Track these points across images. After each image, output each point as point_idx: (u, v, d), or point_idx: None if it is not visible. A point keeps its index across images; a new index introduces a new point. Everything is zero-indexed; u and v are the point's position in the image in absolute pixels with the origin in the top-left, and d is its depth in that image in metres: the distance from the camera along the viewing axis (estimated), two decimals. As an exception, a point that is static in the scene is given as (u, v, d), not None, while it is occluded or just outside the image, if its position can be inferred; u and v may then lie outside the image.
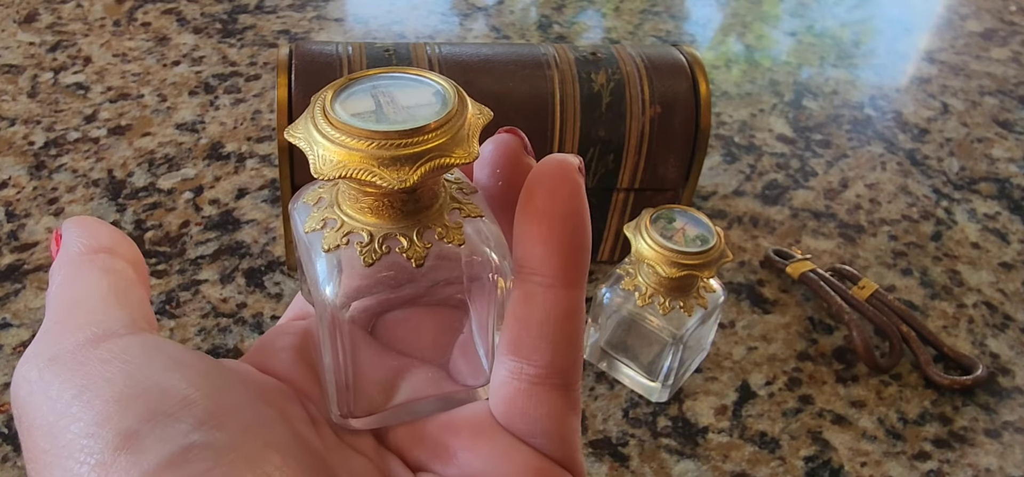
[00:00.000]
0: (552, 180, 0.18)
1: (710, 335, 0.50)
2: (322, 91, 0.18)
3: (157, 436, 0.16)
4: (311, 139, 0.17)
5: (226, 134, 0.66)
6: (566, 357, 0.19)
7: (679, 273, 0.43)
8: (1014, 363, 0.53)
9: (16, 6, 0.81)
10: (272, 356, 0.21)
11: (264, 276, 0.54)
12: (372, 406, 0.20)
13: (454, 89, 0.18)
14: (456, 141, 0.17)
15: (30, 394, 0.17)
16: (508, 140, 0.20)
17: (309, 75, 0.48)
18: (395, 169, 0.17)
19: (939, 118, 0.78)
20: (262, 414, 0.18)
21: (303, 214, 0.19)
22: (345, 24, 0.84)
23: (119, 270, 0.20)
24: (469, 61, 0.50)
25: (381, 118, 0.17)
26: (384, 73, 0.19)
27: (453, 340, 0.21)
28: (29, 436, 0.17)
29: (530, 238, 0.18)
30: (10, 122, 0.66)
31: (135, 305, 0.19)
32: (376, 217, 0.18)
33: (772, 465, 0.46)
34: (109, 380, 0.17)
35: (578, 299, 0.19)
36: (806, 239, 0.62)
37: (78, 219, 0.21)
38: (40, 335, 0.18)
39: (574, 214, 0.18)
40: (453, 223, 0.19)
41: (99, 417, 0.16)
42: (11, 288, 0.52)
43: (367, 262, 0.18)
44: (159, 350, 0.18)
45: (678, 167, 0.52)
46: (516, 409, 0.19)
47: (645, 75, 0.51)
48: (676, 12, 0.93)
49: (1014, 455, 0.48)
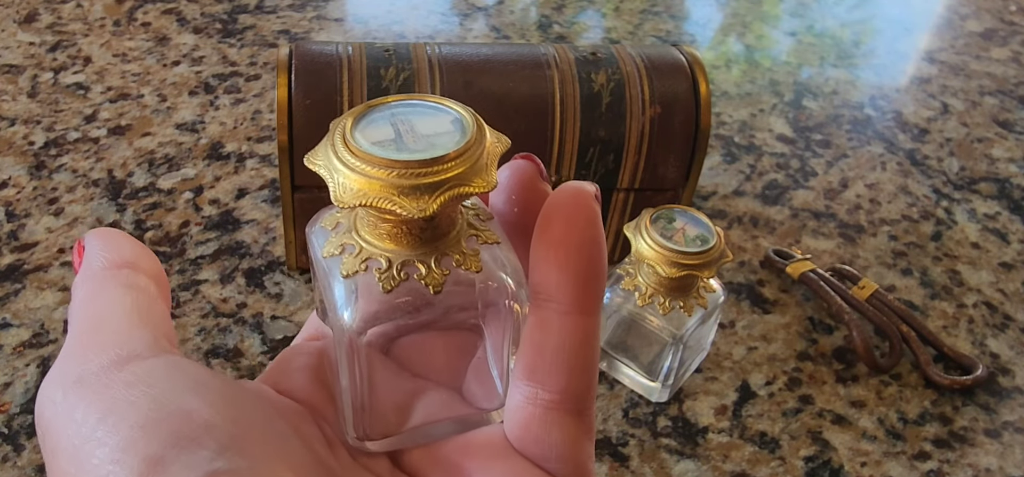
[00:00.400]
0: (569, 208, 0.18)
1: (710, 335, 0.50)
2: (341, 118, 0.18)
3: (182, 463, 0.16)
4: (331, 167, 0.18)
5: (226, 134, 0.66)
6: (581, 383, 0.19)
7: (679, 273, 0.43)
8: (1014, 363, 0.53)
9: (16, 6, 0.81)
10: (288, 376, 0.21)
11: (264, 276, 0.54)
12: (387, 428, 0.20)
13: (473, 117, 0.18)
14: (475, 170, 0.17)
15: (55, 416, 0.17)
16: (524, 166, 0.20)
17: (309, 75, 0.48)
18: (415, 198, 0.17)
19: (939, 118, 0.78)
20: (281, 436, 0.18)
21: (321, 238, 0.19)
22: (345, 24, 0.84)
23: (141, 286, 0.20)
24: (469, 61, 0.50)
25: (401, 147, 0.18)
26: (403, 100, 0.19)
27: (467, 364, 0.21)
28: (54, 458, 0.17)
29: (546, 265, 0.18)
30: (10, 122, 0.66)
31: (157, 323, 0.19)
32: (394, 243, 0.18)
33: (772, 465, 0.46)
34: (134, 404, 0.17)
35: (594, 326, 0.19)
36: (806, 239, 0.62)
37: (101, 232, 0.21)
38: (64, 354, 0.18)
39: (590, 242, 0.18)
40: (470, 250, 0.19)
41: (124, 443, 0.16)
42: (11, 288, 0.52)
43: (386, 289, 0.18)
44: (182, 372, 0.18)
45: (678, 167, 0.52)
46: (531, 434, 0.19)
47: (645, 75, 0.51)
48: (676, 12, 0.93)
49: (1014, 455, 0.48)
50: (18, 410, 0.45)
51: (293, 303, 0.52)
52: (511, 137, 0.20)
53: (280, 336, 0.50)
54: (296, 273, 0.54)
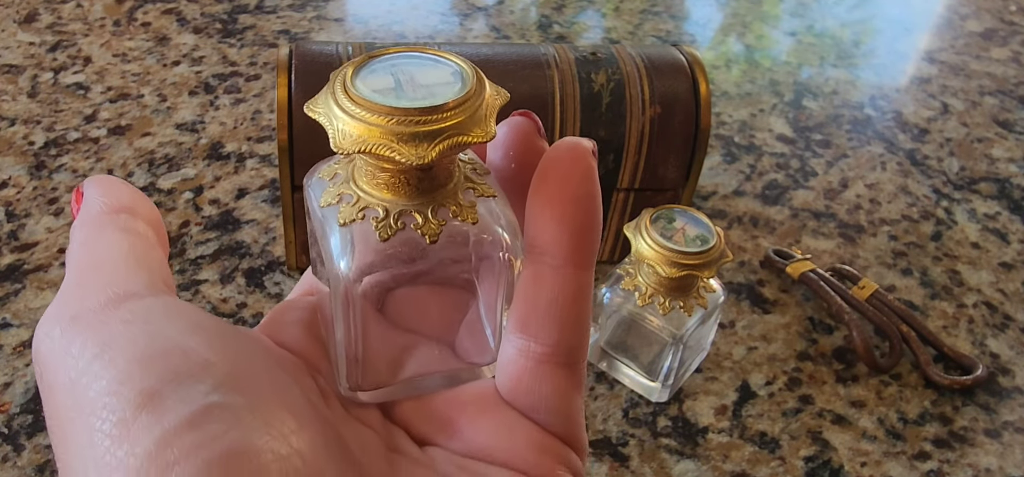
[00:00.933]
0: (565, 163, 0.18)
1: (710, 335, 0.50)
2: (342, 68, 0.18)
3: (178, 396, 0.16)
4: (331, 114, 0.18)
5: (226, 134, 0.66)
6: (573, 336, 0.19)
7: (679, 273, 0.43)
8: (1014, 363, 0.53)
9: (16, 6, 0.81)
10: (282, 329, 0.21)
11: (264, 276, 0.54)
12: (380, 380, 0.20)
13: (472, 69, 0.18)
14: (474, 120, 0.17)
15: (51, 352, 0.17)
16: (522, 123, 0.20)
17: (309, 75, 0.48)
18: (414, 145, 0.17)
19: (939, 118, 0.78)
20: (278, 379, 0.18)
21: (318, 189, 0.19)
22: (345, 24, 0.84)
23: (139, 230, 0.20)
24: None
25: (401, 95, 0.18)
26: (403, 52, 0.19)
27: (460, 319, 0.21)
28: (51, 393, 0.17)
29: (542, 219, 0.18)
30: (10, 122, 0.66)
31: (154, 267, 0.19)
32: (392, 193, 0.18)
33: (772, 465, 0.46)
34: (131, 339, 0.17)
35: (587, 280, 0.19)
36: (806, 239, 0.62)
37: (99, 178, 0.21)
38: (61, 294, 0.18)
39: (586, 197, 0.18)
40: (467, 202, 0.19)
41: (121, 376, 0.16)
42: (11, 288, 0.52)
43: (382, 237, 0.18)
44: (180, 312, 0.18)
45: (678, 167, 0.52)
46: (522, 386, 0.20)
47: (645, 75, 0.51)
48: (676, 12, 0.93)
49: (1014, 455, 0.48)
50: (18, 410, 0.45)
51: (293, 303, 0.52)
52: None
53: (280, 336, 0.50)
54: (296, 273, 0.54)
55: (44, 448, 0.43)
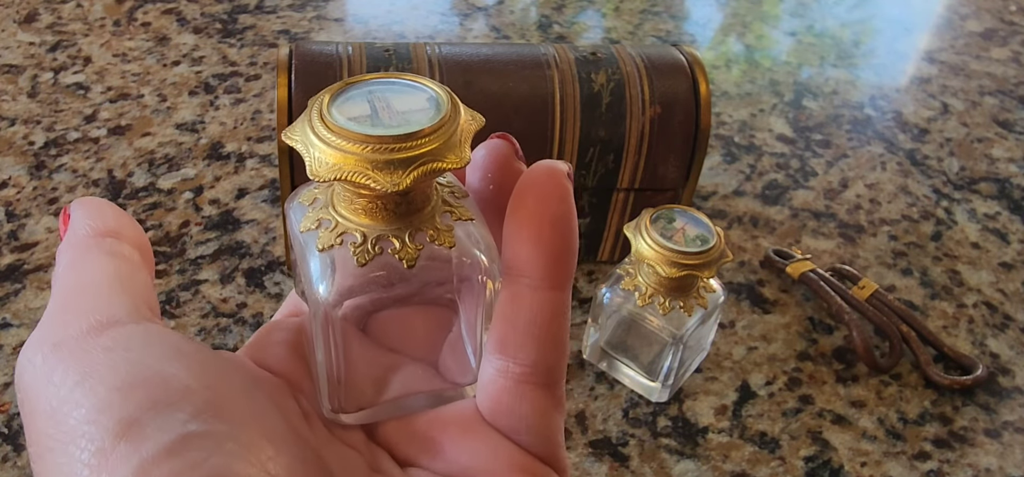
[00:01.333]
0: (541, 185, 0.19)
1: (710, 335, 0.50)
2: (319, 95, 0.19)
3: (157, 425, 0.16)
4: (308, 142, 0.18)
5: (226, 134, 0.66)
6: (551, 356, 0.20)
7: (679, 273, 0.43)
8: (1014, 363, 0.53)
9: (16, 6, 0.81)
10: (266, 350, 0.21)
11: (264, 276, 0.54)
12: (363, 401, 0.20)
13: (447, 95, 0.19)
14: (449, 146, 0.18)
15: (34, 379, 0.18)
16: (499, 145, 0.20)
17: (309, 75, 0.48)
18: (389, 172, 0.17)
19: (939, 118, 0.78)
20: (258, 405, 0.18)
21: (298, 214, 0.20)
22: (345, 24, 0.84)
23: (124, 254, 0.20)
24: (469, 61, 0.50)
25: (376, 122, 0.18)
26: (380, 78, 0.19)
27: (442, 338, 0.21)
28: (32, 420, 0.17)
29: (519, 240, 0.19)
30: (10, 122, 0.66)
31: (139, 291, 0.20)
32: (369, 218, 0.19)
33: (772, 465, 0.46)
34: (112, 368, 0.17)
35: (564, 300, 0.19)
36: (806, 239, 0.62)
37: (86, 200, 0.21)
38: (45, 319, 0.19)
39: (562, 218, 0.19)
40: (444, 226, 0.19)
41: (101, 404, 0.16)
42: (11, 288, 0.52)
43: (360, 262, 0.18)
44: (161, 339, 0.18)
45: (678, 167, 0.52)
46: (502, 406, 0.20)
47: (645, 75, 0.51)
48: (676, 12, 0.93)
49: (1014, 455, 0.48)
50: (18, 410, 0.45)
51: (293, 303, 0.52)
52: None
53: (280, 336, 0.50)
54: (293, 271, 0.54)
55: (44, 448, 0.43)
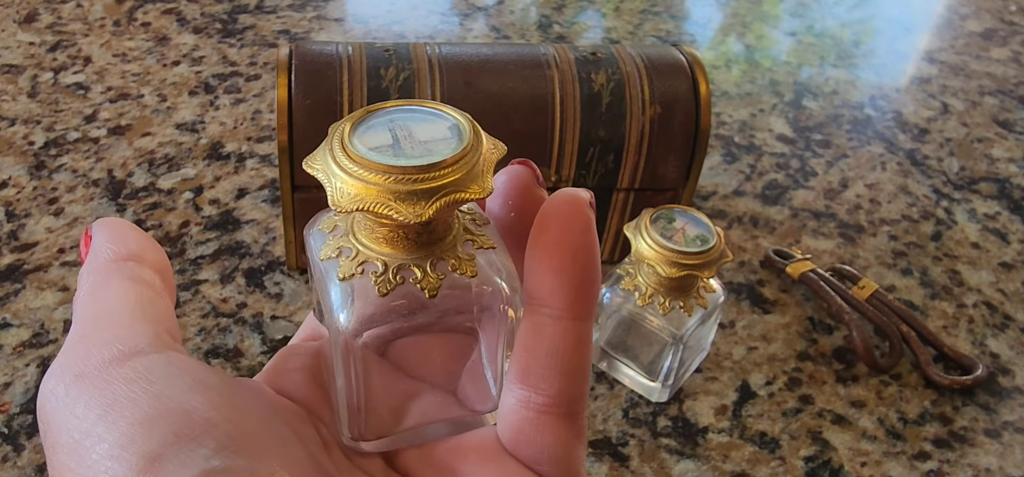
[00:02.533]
0: (564, 214, 0.18)
1: (710, 335, 0.50)
2: (340, 123, 0.18)
3: (179, 460, 0.16)
4: (329, 171, 0.18)
5: (226, 134, 0.66)
6: (574, 387, 0.19)
7: (679, 273, 0.43)
8: (1014, 363, 0.53)
9: (16, 6, 0.81)
10: (285, 377, 0.21)
11: (264, 276, 0.54)
12: (382, 429, 0.20)
13: (469, 124, 0.19)
14: (471, 176, 0.18)
15: (56, 410, 0.17)
16: (521, 172, 0.20)
17: (309, 75, 0.48)
18: (411, 203, 0.17)
19: (939, 118, 0.78)
20: (280, 436, 0.18)
21: (318, 241, 0.20)
22: (345, 24, 0.84)
23: (146, 279, 0.20)
24: (469, 61, 0.50)
25: (398, 152, 0.18)
26: (401, 105, 0.19)
27: (462, 366, 0.21)
28: (54, 452, 0.17)
29: (541, 270, 0.18)
30: (10, 122, 0.66)
31: (160, 318, 0.20)
32: (391, 247, 0.19)
33: (772, 465, 0.46)
34: (134, 401, 0.17)
35: (587, 331, 0.19)
36: (806, 239, 0.62)
37: (108, 221, 0.21)
38: (66, 347, 0.19)
39: (584, 248, 0.18)
40: (466, 255, 0.19)
41: (124, 439, 0.16)
42: (11, 288, 0.52)
43: (381, 292, 0.18)
44: (182, 370, 0.18)
45: (678, 167, 0.52)
46: (523, 436, 0.20)
47: (645, 75, 0.51)
48: (676, 12, 0.93)
49: (1014, 455, 0.48)
50: (18, 410, 0.45)
51: (293, 303, 0.52)
52: (511, 137, 0.20)
53: (280, 336, 0.50)
54: (296, 273, 0.54)
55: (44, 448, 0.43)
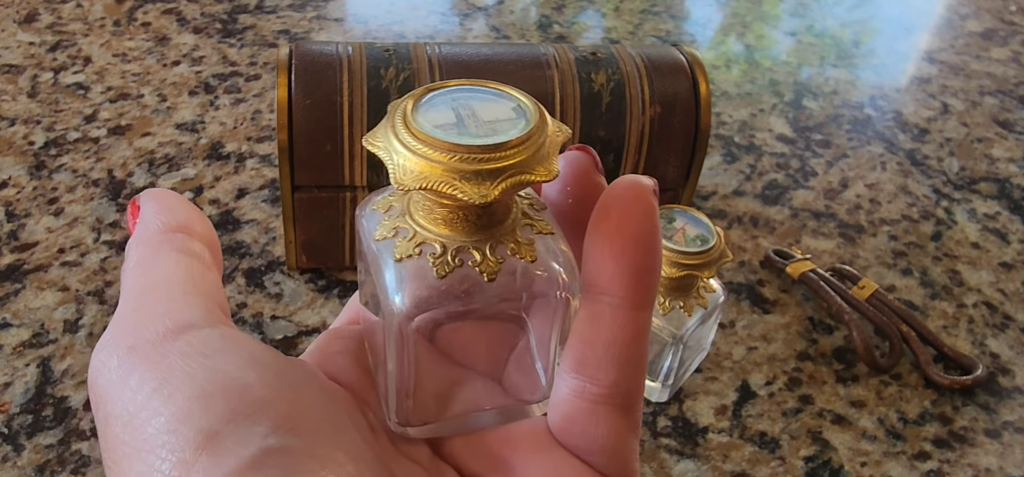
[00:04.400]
0: (626, 200, 0.18)
1: (710, 335, 0.50)
2: (401, 100, 0.18)
3: (236, 438, 0.16)
4: (391, 148, 0.17)
5: (226, 134, 0.66)
6: (631, 378, 0.19)
7: (679, 273, 0.43)
8: (1014, 363, 0.53)
9: (16, 6, 0.81)
10: (330, 360, 0.21)
11: (264, 276, 0.54)
12: (429, 416, 0.20)
13: (534, 105, 0.18)
14: (537, 158, 0.17)
15: (109, 382, 0.17)
16: (580, 158, 0.20)
17: (309, 75, 0.48)
18: (476, 183, 0.17)
19: (939, 118, 0.78)
20: (334, 418, 0.18)
21: (372, 221, 0.19)
22: (345, 24, 0.84)
23: (196, 252, 0.20)
24: (469, 61, 0.50)
25: (463, 131, 0.17)
26: (463, 85, 0.19)
27: (506, 354, 0.21)
28: (107, 425, 0.17)
29: (601, 257, 0.18)
30: (10, 122, 0.66)
31: (210, 292, 0.19)
32: (449, 229, 0.18)
33: (772, 465, 0.46)
34: (190, 375, 0.17)
35: (646, 321, 0.19)
36: (806, 239, 0.62)
37: (156, 192, 0.21)
38: (117, 319, 0.18)
39: (647, 235, 0.18)
40: (525, 239, 0.18)
41: (181, 413, 0.16)
42: (11, 288, 0.52)
43: (440, 274, 0.18)
44: (237, 345, 0.18)
45: (678, 167, 0.52)
46: (577, 427, 0.19)
47: (645, 75, 0.51)
48: (676, 12, 0.93)
49: (1014, 455, 0.48)
50: (18, 410, 0.45)
51: (293, 303, 0.52)
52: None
53: (280, 336, 0.50)
54: (296, 273, 0.54)
55: (44, 448, 0.43)
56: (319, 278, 0.54)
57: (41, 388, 0.46)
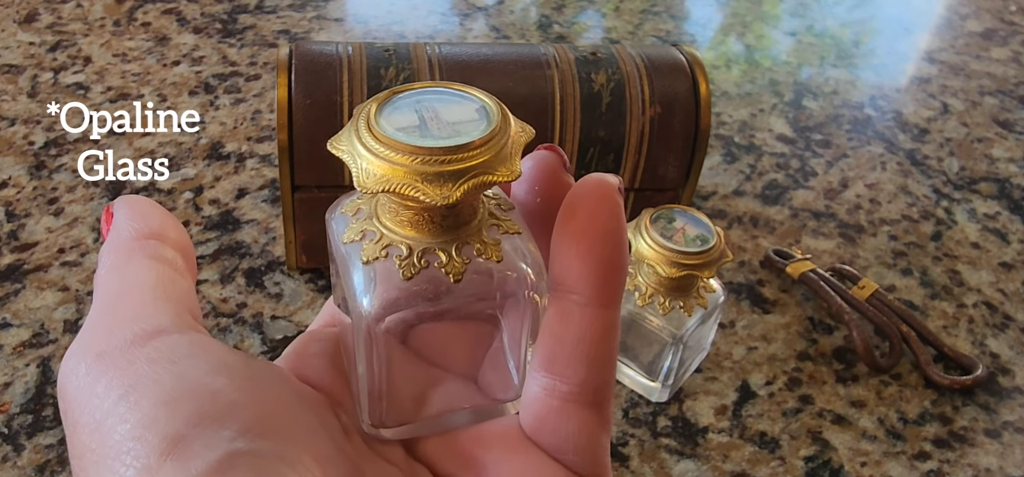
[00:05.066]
0: (592, 199, 0.18)
1: (710, 335, 0.50)
2: (366, 103, 0.18)
3: (203, 442, 0.16)
4: (355, 152, 0.17)
5: (226, 134, 0.66)
6: (600, 375, 0.19)
7: (679, 273, 0.43)
8: (1014, 363, 0.53)
9: (16, 6, 0.81)
10: (305, 363, 0.21)
11: (264, 276, 0.54)
12: (403, 416, 0.20)
13: (497, 106, 0.18)
14: (499, 159, 0.17)
15: (78, 389, 0.17)
16: (548, 157, 0.20)
17: (309, 75, 0.48)
18: (438, 185, 0.17)
19: (939, 118, 0.78)
20: (303, 420, 0.18)
21: (341, 224, 0.19)
22: (345, 24, 0.84)
23: (168, 258, 0.20)
24: (469, 61, 0.50)
25: (425, 133, 0.17)
26: (428, 87, 0.19)
27: (482, 353, 0.21)
28: (75, 432, 0.17)
29: (568, 256, 0.18)
30: (10, 122, 0.66)
31: (181, 298, 0.19)
32: (415, 231, 0.18)
33: (772, 465, 0.46)
34: (157, 381, 0.17)
35: (614, 319, 0.19)
36: (806, 239, 0.62)
37: (129, 199, 0.21)
38: (87, 326, 0.18)
39: (613, 233, 0.18)
40: (491, 239, 0.19)
41: (146, 419, 0.16)
42: (11, 288, 0.52)
43: (406, 276, 0.18)
44: (205, 350, 0.18)
45: (678, 167, 0.52)
46: (547, 425, 0.19)
47: (645, 75, 0.51)
48: (676, 12, 0.93)
49: (1014, 455, 0.48)
50: (18, 410, 0.45)
51: (293, 303, 0.52)
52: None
53: (280, 336, 0.50)
54: (296, 273, 0.54)
55: (44, 448, 0.43)
56: (319, 278, 0.54)
57: (41, 388, 0.46)
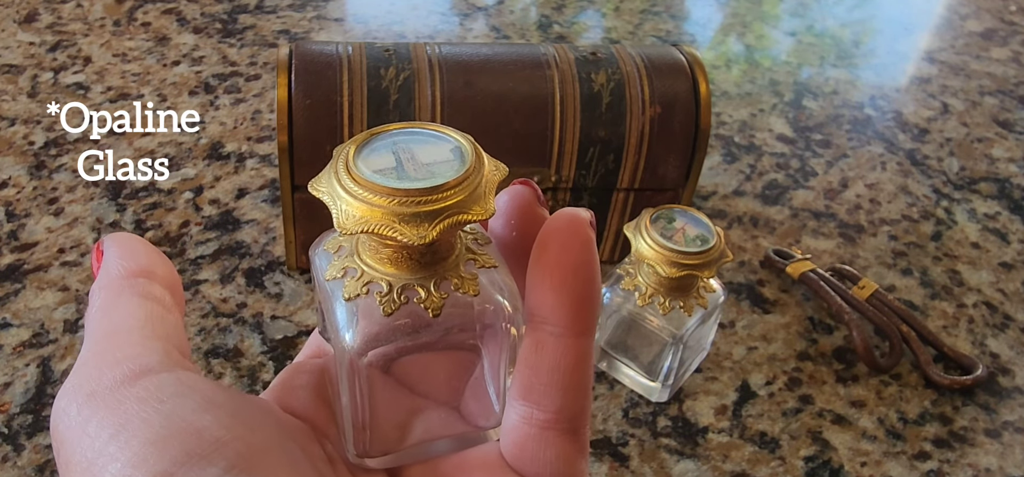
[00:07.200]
0: (564, 233, 0.19)
1: (710, 335, 0.50)
2: (344, 146, 0.19)
3: None
4: (335, 194, 0.18)
5: (226, 134, 0.66)
6: (575, 403, 0.20)
7: (679, 273, 0.43)
8: (1014, 363, 0.53)
9: (16, 6, 0.81)
10: (291, 394, 0.21)
11: (264, 276, 0.54)
12: (387, 445, 0.21)
13: (471, 146, 0.19)
14: (474, 198, 0.18)
15: (69, 429, 0.18)
16: (522, 192, 0.21)
17: (309, 75, 0.48)
18: (415, 225, 0.17)
19: (939, 118, 0.78)
20: (289, 454, 0.19)
21: (324, 261, 0.20)
22: (345, 24, 0.84)
23: (156, 296, 0.20)
24: (469, 61, 0.50)
25: (402, 175, 0.18)
26: (404, 128, 0.20)
27: (465, 382, 0.21)
28: (67, 470, 0.18)
29: (542, 288, 0.19)
30: (10, 122, 0.66)
31: (170, 335, 0.20)
32: (395, 267, 0.19)
33: (772, 465, 0.46)
34: (145, 421, 0.17)
35: (587, 347, 0.19)
36: (806, 239, 0.62)
37: (118, 237, 0.21)
38: (79, 366, 0.19)
39: (585, 266, 0.19)
40: (469, 274, 0.19)
41: (136, 459, 0.17)
42: (11, 288, 0.52)
43: (386, 312, 0.18)
44: (193, 388, 0.18)
45: (678, 167, 0.52)
46: (526, 452, 0.20)
47: (645, 75, 0.51)
48: (676, 12, 0.93)
49: (1014, 455, 0.48)
50: (18, 410, 0.45)
51: (293, 303, 0.52)
52: (511, 137, 0.20)
53: (280, 336, 0.50)
54: (296, 273, 0.54)
55: (44, 448, 0.43)
56: (319, 278, 0.54)
57: (41, 388, 0.46)
